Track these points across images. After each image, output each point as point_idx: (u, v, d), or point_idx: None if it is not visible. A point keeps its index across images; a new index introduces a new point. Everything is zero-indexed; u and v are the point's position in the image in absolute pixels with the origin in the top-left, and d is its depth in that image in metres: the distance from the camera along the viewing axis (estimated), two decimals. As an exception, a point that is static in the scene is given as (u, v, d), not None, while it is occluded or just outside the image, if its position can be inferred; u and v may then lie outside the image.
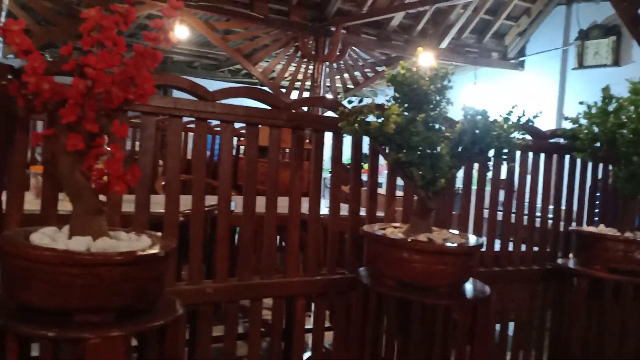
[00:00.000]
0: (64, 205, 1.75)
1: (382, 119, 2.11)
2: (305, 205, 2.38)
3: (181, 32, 6.38)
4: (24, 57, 1.41)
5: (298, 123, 2.31)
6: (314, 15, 7.08)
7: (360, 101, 2.64)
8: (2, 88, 1.42)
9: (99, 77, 1.40)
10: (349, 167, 2.60)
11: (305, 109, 3.79)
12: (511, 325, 3.02)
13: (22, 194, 1.76)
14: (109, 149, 1.49)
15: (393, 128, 2.01)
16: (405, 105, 2.20)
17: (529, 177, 3.00)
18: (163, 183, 4.35)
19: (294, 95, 7.26)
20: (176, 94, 2.02)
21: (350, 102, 2.52)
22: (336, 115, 2.35)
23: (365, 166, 2.77)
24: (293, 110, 2.30)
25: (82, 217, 1.43)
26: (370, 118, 2.20)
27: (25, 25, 1.46)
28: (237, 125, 2.24)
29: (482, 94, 8.95)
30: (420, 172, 2.10)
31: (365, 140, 2.40)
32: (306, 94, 7.52)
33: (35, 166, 2.64)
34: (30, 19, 5.38)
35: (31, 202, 2.02)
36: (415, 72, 2.16)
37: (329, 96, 7.67)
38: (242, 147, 6.33)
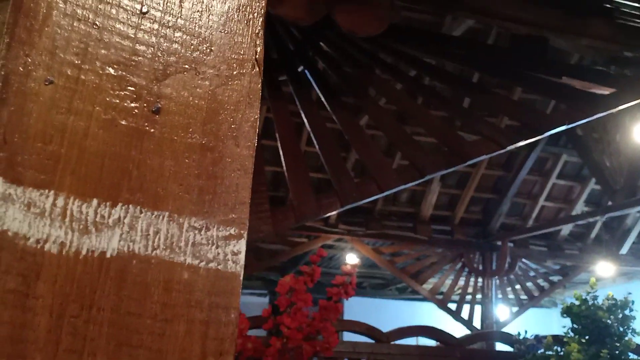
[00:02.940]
0: None
1: (562, 352, 2.05)
2: None
3: (351, 258, 6.87)
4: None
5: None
6: (478, 232, 7.22)
7: (536, 337, 2.53)
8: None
9: (292, 335, 1.63)
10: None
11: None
12: None
13: None
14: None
15: (575, 366, 1.93)
16: (586, 337, 2.12)
17: None
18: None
19: (466, 309, 7.10)
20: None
21: (525, 339, 2.42)
22: (512, 349, 2.32)
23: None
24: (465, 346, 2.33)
25: None
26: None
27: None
28: None
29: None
30: (616, 415, 1.92)
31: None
32: (478, 308, 7.31)
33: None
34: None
35: None
36: (591, 303, 2.11)
37: (503, 308, 7.39)
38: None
